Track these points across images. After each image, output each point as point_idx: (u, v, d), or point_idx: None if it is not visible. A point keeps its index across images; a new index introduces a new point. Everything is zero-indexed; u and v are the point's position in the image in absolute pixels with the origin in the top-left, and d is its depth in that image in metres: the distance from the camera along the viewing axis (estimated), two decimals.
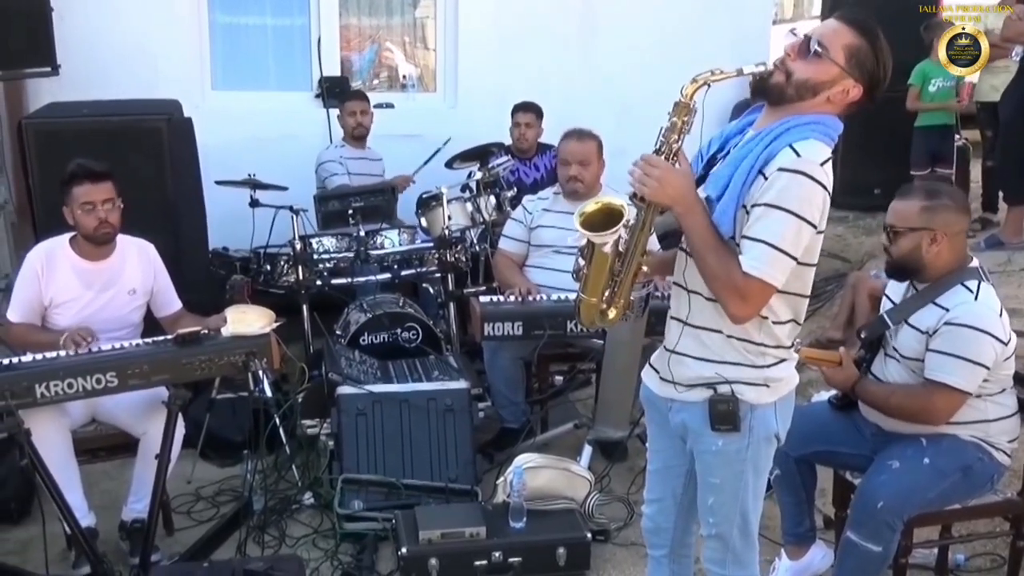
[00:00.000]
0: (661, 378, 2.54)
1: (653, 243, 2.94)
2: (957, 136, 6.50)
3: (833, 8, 7.16)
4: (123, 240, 3.81)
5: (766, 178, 2.22)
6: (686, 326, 2.45)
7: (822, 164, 2.22)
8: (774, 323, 2.37)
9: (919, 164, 6.35)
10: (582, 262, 2.43)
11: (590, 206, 2.39)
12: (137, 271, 3.86)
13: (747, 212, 2.25)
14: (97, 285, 3.76)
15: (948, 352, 2.94)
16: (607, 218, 2.34)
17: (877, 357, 3.25)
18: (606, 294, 2.42)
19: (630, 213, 2.33)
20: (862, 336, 3.33)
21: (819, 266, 6.44)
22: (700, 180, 2.40)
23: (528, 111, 6.13)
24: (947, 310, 2.97)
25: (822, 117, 2.29)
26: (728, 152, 2.40)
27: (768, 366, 2.39)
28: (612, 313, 2.44)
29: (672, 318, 2.50)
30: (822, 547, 3.48)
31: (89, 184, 3.65)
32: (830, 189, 2.25)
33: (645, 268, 2.41)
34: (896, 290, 3.26)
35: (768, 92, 2.33)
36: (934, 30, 6.30)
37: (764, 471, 2.51)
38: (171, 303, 4.00)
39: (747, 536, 2.55)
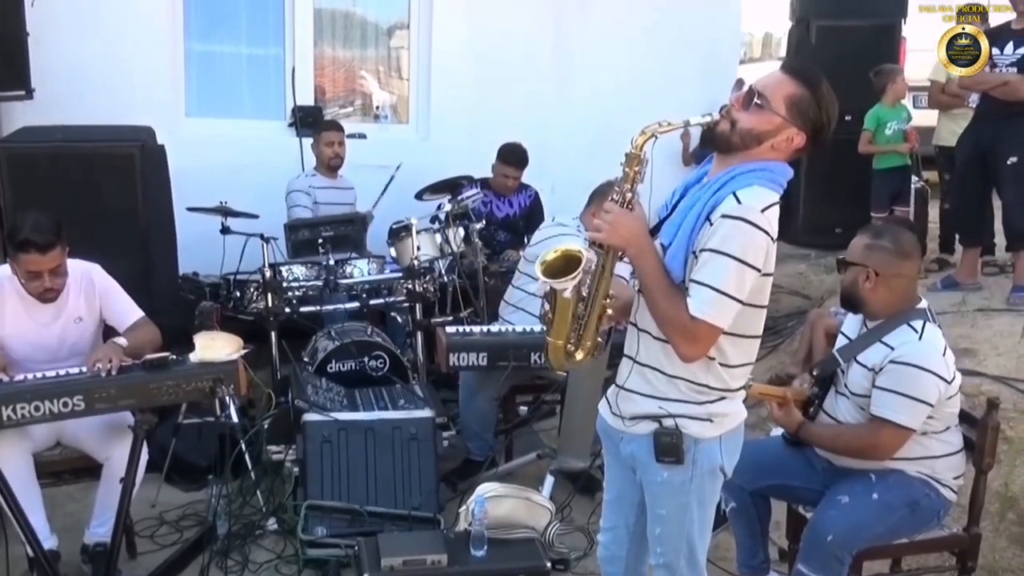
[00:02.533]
0: (612, 412, 2.63)
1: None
2: (915, 178, 6.66)
3: (798, 49, 7.37)
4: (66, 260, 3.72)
5: (712, 224, 2.33)
6: (635, 364, 2.55)
7: (763, 210, 2.32)
8: (723, 365, 2.46)
9: (879, 206, 6.49)
10: (547, 307, 2.52)
11: (551, 254, 2.48)
12: (81, 299, 3.80)
13: (696, 257, 2.35)
14: (43, 318, 3.72)
15: (893, 390, 3.05)
16: (567, 264, 2.43)
17: (828, 394, 3.35)
18: (572, 337, 2.50)
19: (589, 258, 2.42)
20: (814, 374, 3.44)
21: (780, 302, 6.57)
22: (658, 227, 2.51)
23: (510, 164, 6.18)
24: (892, 348, 3.09)
25: (769, 164, 2.40)
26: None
27: (711, 402, 2.48)
28: (579, 355, 2.51)
29: (624, 355, 2.59)
30: None
31: (37, 255, 3.53)
32: (773, 233, 2.35)
33: (610, 311, 2.49)
34: (851, 328, 3.37)
35: (715, 141, 2.45)
36: (885, 76, 6.49)
37: (710, 503, 2.60)
38: (127, 316, 3.88)
39: (694, 566, 2.63)
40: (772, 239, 2.36)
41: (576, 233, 4.56)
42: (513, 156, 6.19)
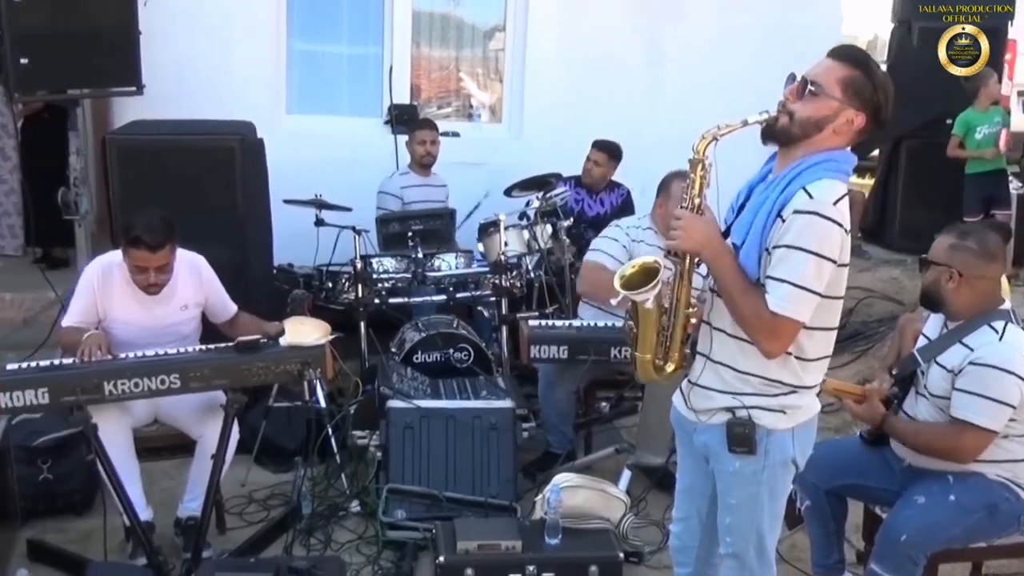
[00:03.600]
0: (686, 406, 2.67)
1: None
2: (1018, 183, 6.50)
3: (899, 51, 7.24)
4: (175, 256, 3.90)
5: (784, 221, 2.36)
6: (708, 361, 2.58)
7: (835, 203, 2.35)
8: (799, 359, 2.48)
9: (972, 211, 6.35)
10: (631, 323, 2.58)
11: (628, 268, 2.55)
12: (188, 288, 3.98)
13: (769, 254, 2.38)
14: (150, 302, 3.88)
15: (973, 391, 3.01)
16: (645, 277, 2.49)
17: (908, 395, 3.32)
18: (659, 351, 2.55)
19: (666, 268, 2.48)
20: (894, 374, 3.40)
21: (872, 307, 6.47)
22: (728, 229, 2.54)
23: (601, 150, 6.28)
24: (972, 350, 3.05)
25: (833, 154, 2.41)
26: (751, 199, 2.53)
27: (784, 394, 2.49)
28: (669, 367, 2.57)
29: (698, 352, 2.61)
30: None
31: (146, 252, 3.69)
32: (846, 225, 2.37)
33: (694, 320, 2.54)
34: (932, 329, 3.33)
35: (776, 136, 2.47)
36: (977, 79, 6.34)
37: (781, 495, 2.61)
38: (226, 310, 4.12)
39: (763, 557, 2.65)
40: (846, 231, 2.38)
41: (624, 236, 4.68)
42: (602, 143, 6.28)
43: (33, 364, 3.50)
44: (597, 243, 4.82)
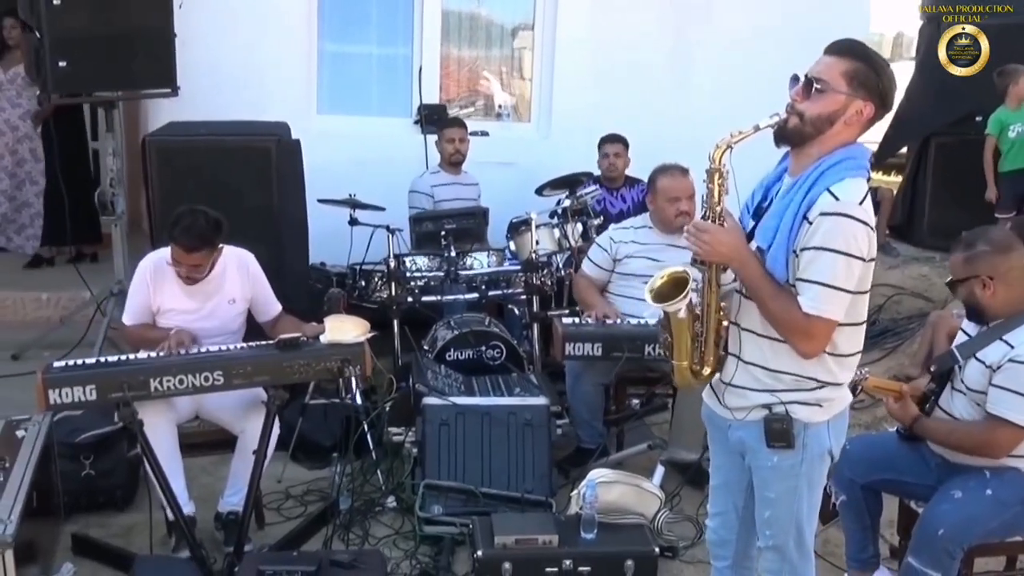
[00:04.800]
0: (720, 403, 2.70)
1: None
2: None
3: (928, 48, 7.23)
4: (224, 251, 4.01)
5: (811, 223, 2.40)
6: (740, 361, 2.62)
7: (860, 202, 2.40)
8: (832, 355, 2.52)
9: (1005, 207, 6.34)
10: (665, 333, 2.64)
11: (657, 280, 2.62)
12: (236, 282, 4.10)
13: (797, 256, 2.43)
14: (199, 296, 4.01)
15: (1011, 388, 3.03)
16: (675, 287, 2.56)
17: (945, 390, 3.34)
18: (695, 357, 2.61)
19: (695, 277, 2.54)
20: (932, 369, 3.42)
21: (901, 304, 6.48)
22: (751, 234, 2.59)
23: (617, 142, 6.32)
24: (1012, 347, 3.07)
25: (850, 151, 2.47)
26: (771, 201, 2.58)
27: (819, 388, 2.54)
28: (706, 371, 2.63)
29: (729, 353, 2.65)
30: (886, 573, 3.55)
31: (182, 251, 3.83)
32: (872, 222, 2.43)
33: (725, 323, 2.59)
34: (972, 325, 3.34)
35: (789, 137, 2.52)
36: (1007, 77, 6.32)
37: (818, 485, 2.65)
38: (270, 309, 4.22)
39: (803, 548, 2.69)
40: (872, 228, 2.43)
41: (608, 241, 4.82)
42: (613, 136, 6.35)
43: (79, 361, 3.56)
44: (590, 251, 4.95)
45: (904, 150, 7.75)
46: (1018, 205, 6.34)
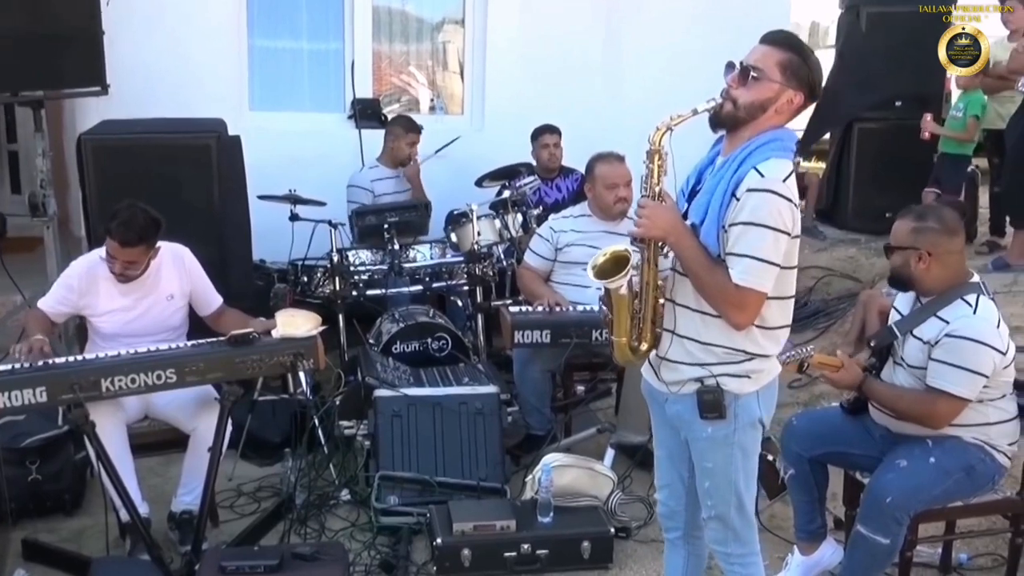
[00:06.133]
0: (656, 378, 2.80)
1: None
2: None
3: (848, 37, 7.43)
4: (159, 248, 3.96)
5: (739, 199, 2.53)
6: (675, 336, 2.72)
7: (784, 180, 2.53)
8: (761, 328, 2.64)
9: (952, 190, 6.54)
10: (605, 309, 2.73)
11: (599, 258, 2.71)
12: (173, 277, 4.05)
13: (727, 231, 2.55)
14: (136, 294, 3.96)
15: (949, 362, 3.17)
16: (616, 265, 2.66)
17: (886, 365, 3.47)
18: (633, 332, 2.71)
19: (635, 256, 2.64)
20: (872, 344, 3.56)
21: (831, 285, 6.66)
22: (686, 213, 2.70)
23: (554, 132, 6.38)
24: (947, 323, 3.21)
25: (776, 133, 2.60)
26: (703, 183, 2.70)
27: (748, 360, 2.65)
28: (644, 346, 2.72)
29: (664, 329, 2.74)
30: (832, 544, 3.67)
31: (118, 245, 3.79)
32: (795, 200, 2.56)
33: (662, 300, 2.70)
34: (904, 303, 3.48)
35: (724, 122, 2.64)
36: None
37: (753, 454, 2.78)
38: (211, 302, 4.18)
39: (744, 515, 2.81)
40: (795, 205, 2.56)
41: (548, 231, 4.90)
42: (548, 127, 6.40)
43: (28, 364, 3.49)
44: (531, 242, 5.01)
45: (827, 136, 7.95)
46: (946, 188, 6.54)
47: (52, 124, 6.60)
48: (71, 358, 3.58)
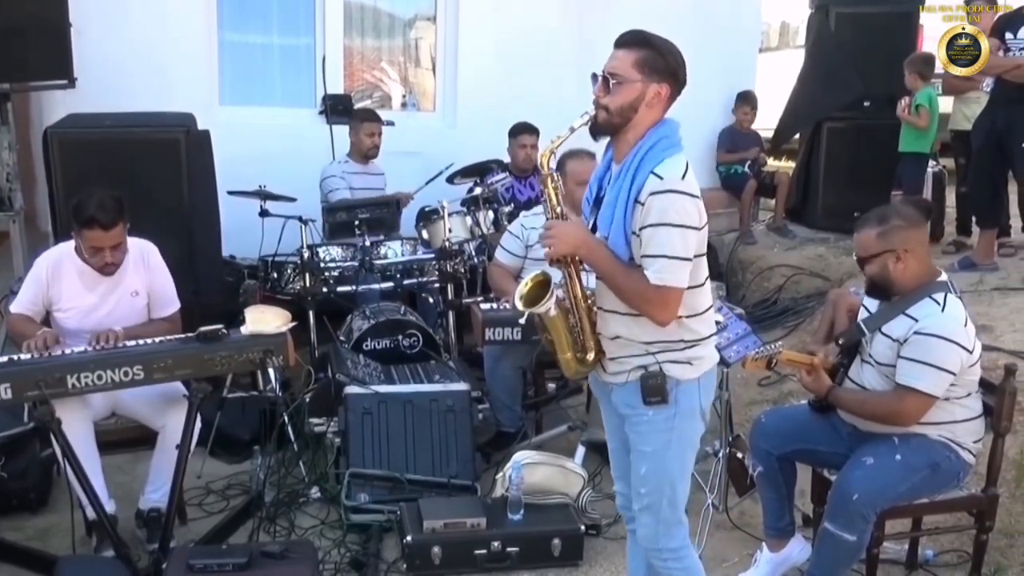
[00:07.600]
0: (604, 371, 2.85)
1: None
2: (932, 162, 6.79)
3: (817, 37, 7.49)
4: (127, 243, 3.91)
5: (643, 204, 2.60)
6: (613, 340, 2.78)
7: (683, 176, 2.60)
8: (691, 316, 2.72)
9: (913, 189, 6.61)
10: (544, 333, 2.82)
11: (524, 288, 2.78)
12: (139, 274, 4.00)
13: (637, 236, 2.62)
14: (100, 290, 3.91)
15: (917, 359, 3.20)
16: (542, 289, 2.73)
17: (854, 362, 3.50)
18: (576, 346, 2.79)
19: (556, 275, 2.74)
20: (840, 343, 3.59)
21: (800, 284, 6.70)
22: (595, 226, 2.77)
23: (532, 133, 6.37)
24: (916, 320, 3.24)
25: (659, 131, 2.67)
26: (605, 191, 2.76)
27: (689, 347, 2.73)
28: (590, 357, 2.81)
29: (598, 333, 2.81)
30: (800, 540, 3.70)
31: (101, 231, 3.72)
32: (697, 192, 2.63)
33: (596, 308, 2.78)
34: (872, 301, 3.51)
35: (603, 130, 2.73)
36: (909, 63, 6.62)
37: (690, 446, 2.84)
38: (166, 306, 4.07)
39: (675, 508, 2.85)
40: (698, 197, 2.63)
41: (519, 228, 4.90)
42: (525, 126, 6.39)
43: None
44: (502, 239, 5.01)
45: (797, 136, 8.01)
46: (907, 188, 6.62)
47: (18, 117, 6.50)
48: (36, 354, 3.53)
